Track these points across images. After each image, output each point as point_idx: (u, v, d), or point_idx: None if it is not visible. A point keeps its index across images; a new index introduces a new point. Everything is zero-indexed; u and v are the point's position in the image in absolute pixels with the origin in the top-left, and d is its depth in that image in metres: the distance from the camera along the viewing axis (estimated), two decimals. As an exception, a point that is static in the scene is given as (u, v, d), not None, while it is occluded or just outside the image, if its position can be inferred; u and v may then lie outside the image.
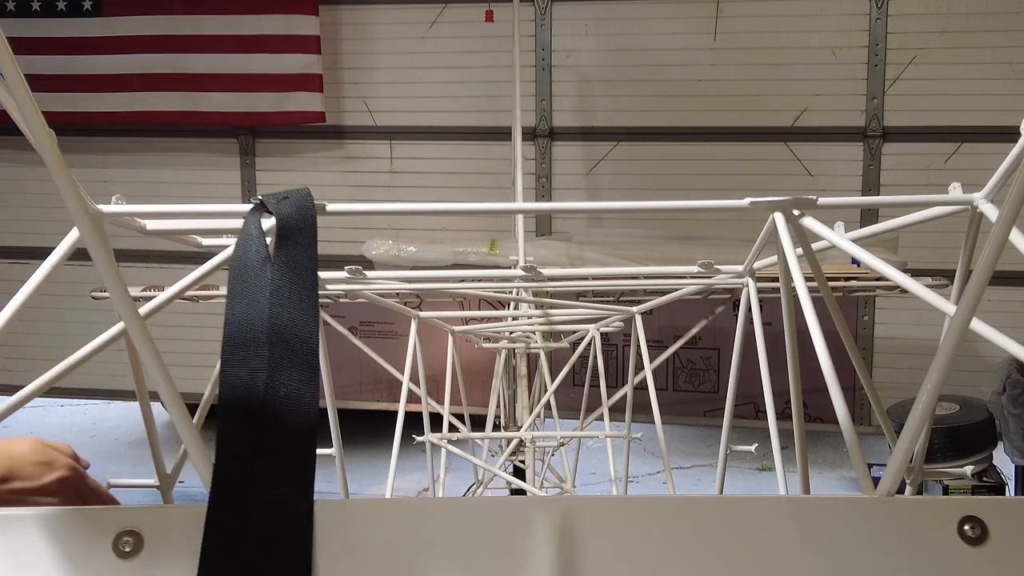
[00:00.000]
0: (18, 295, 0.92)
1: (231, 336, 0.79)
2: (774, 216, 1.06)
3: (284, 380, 0.77)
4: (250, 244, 0.87)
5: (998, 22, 4.50)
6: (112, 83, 5.09)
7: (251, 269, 0.85)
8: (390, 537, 0.70)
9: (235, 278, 0.85)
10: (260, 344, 0.78)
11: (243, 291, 0.83)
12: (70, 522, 0.71)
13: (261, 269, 0.84)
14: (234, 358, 0.78)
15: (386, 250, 4.79)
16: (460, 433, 2.67)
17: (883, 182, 4.70)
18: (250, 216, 0.92)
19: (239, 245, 0.88)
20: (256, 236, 0.87)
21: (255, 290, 0.82)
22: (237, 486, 0.71)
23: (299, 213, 0.90)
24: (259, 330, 0.79)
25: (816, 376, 0.92)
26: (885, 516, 0.70)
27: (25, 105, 0.63)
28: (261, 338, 0.79)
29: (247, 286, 0.83)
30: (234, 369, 0.77)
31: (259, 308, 0.81)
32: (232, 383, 0.76)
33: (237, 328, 0.80)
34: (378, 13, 5.03)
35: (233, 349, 0.78)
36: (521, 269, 1.66)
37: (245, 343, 0.79)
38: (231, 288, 0.84)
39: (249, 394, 0.76)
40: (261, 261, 0.85)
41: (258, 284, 0.83)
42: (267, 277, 0.83)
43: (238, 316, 0.81)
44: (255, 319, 0.80)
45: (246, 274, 0.84)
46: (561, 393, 2.89)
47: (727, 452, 1.76)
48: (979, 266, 0.68)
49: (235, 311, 0.81)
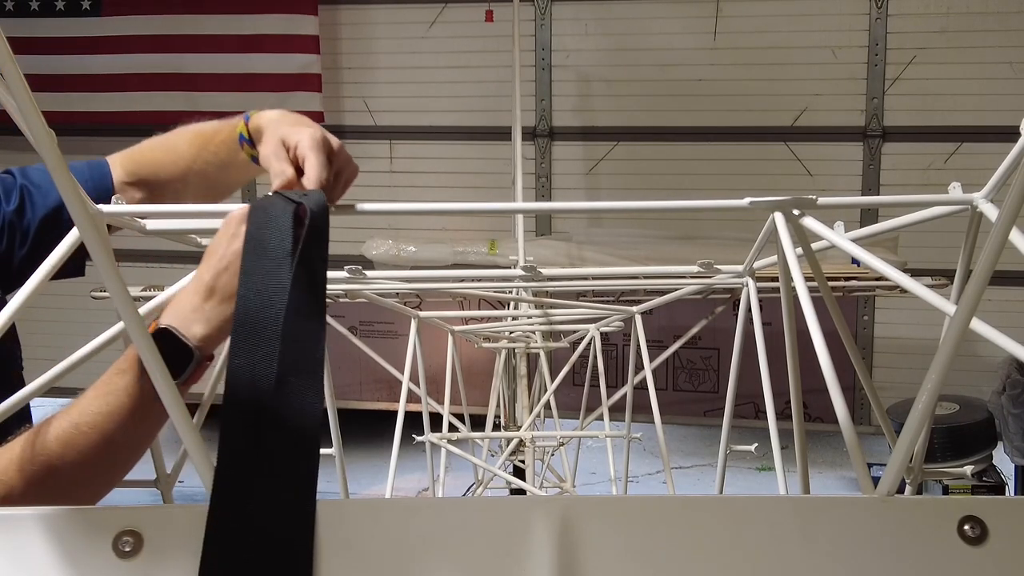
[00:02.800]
0: (18, 295, 0.92)
1: (241, 320, 0.79)
2: (774, 216, 1.06)
3: (292, 379, 0.76)
4: (274, 231, 0.86)
5: (998, 22, 4.50)
6: (111, 83, 5.08)
7: (271, 257, 0.84)
8: (390, 537, 0.70)
9: (249, 254, 0.85)
10: (272, 337, 0.78)
11: (259, 274, 0.82)
12: (70, 521, 0.71)
13: (283, 262, 0.84)
14: (243, 346, 0.78)
15: (386, 250, 4.79)
16: (460, 433, 2.67)
17: (883, 182, 4.70)
18: (275, 200, 0.92)
19: (259, 223, 0.87)
20: (283, 227, 0.87)
21: (272, 282, 0.82)
22: (239, 486, 0.71)
23: (320, 212, 0.90)
24: (272, 322, 0.79)
25: (816, 376, 0.92)
26: (885, 516, 0.70)
27: (25, 105, 0.63)
28: (274, 331, 0.78)
29: (264, 272, 0.83)
30: (241, 359, 0.77)
31: (275, 301, 0.80)
32: (238, 374, 0.76)
33: (249, 313, 0.79)
34: (378, 13, 5.03)
35: (243, 335, 0.78)
36: (521, 269, 1.66)
37: (256, 331, 0.78)
38: (244, 264, 0.84)
39: (256, 387, 0.75)
40: (284, 253, 0.84)
41: (278, 277, 0.82)
42: (286, 271, 0.83)
43: (252, 300, 0.80)
44: (269, 311, 0.80)
45: (264, 258, 0.84)
46: (561, 393, 2.89)
47: (727, 452, 1.75)
48: (979, 266, 0.68)
49: (246, 289, 0.81)
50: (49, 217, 1.40)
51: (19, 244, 1.39)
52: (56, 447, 1.02)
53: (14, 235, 1.39)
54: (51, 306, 4.57)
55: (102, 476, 1.08)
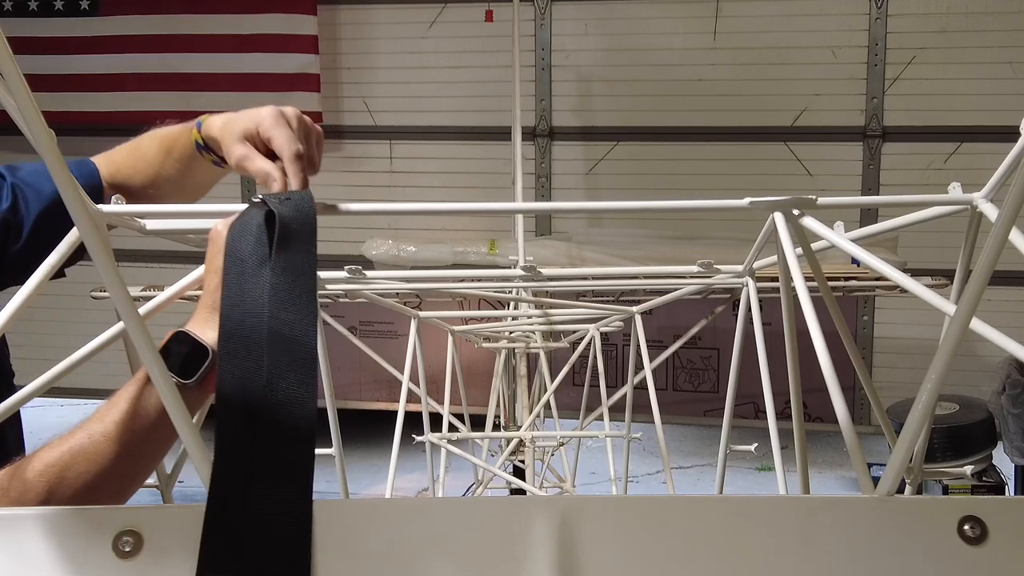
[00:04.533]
0: (18, 295, 0.92)
1: (227, 331, 0.80)
2: (774, 216, 1.06)
3: (282, 381, 0.76)
4: (247, 240, 0.87)
5: (998, 22, 4.50)
6: (110, 83, 5.08)
7: (248, 266, 0.85)
8: (389, 537, 0.70)
9: (230, 267, 0.85)
10: (258, 344, 0.78)
11: (239, 285, 0.83)
12: (70, 521, 0.71)
13: (259, 268, 0.84)
14: (230, 355, 0.78)
15: (386, 250, 4.79)
16: (460, 433, 2.67)
17: (883, 182, 4.70)
18: (251, 210, 0.92)
19: (236, 235, 0.88)
20: (256, 234, 0.87)
21: (252, 289, 0.82)
22: (235, 486, 0.71)
23: (300, 215, 0.90)
24: (256, 329, 0.79)
25: (816, 376, 0.92)
26: (885, 516, 0.70)
27: (25, 105, 0.63)
28: (258, 337, 0.79)
29: (243, 283, 0.83)
30: (230, 365, 0.77)
31: (256, 308, 0.81)
32: (228, 380, 0.76)
33: (233, 324, 0.80)
34: (377, 13, 5.03)
35: (228, 345, 0.79)
36: (521, 269, 1.66)
37: (241, 340, 0.79)
38: (225, 278, 0.84)
39: (246, 392, 0.76)
40: (259, 260, 0.85)
41: (256, 284, 0.83)
42: (265, 278, 0.83)
43: (233, 310, 0.81)
44: (251, 318, 0.80)
45: (242, 269, 0.84)
46: (561, 393, 2.89)
47: (727, 452, 1.76)
48: (979, 266, 0.68)
49: (228, 302, 0.82)
50: (45, 212, 1.41)
51: (12, 240, 1.40)
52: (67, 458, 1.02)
53: (7, 231, 1.40)
54: (51, 306, 4.57)
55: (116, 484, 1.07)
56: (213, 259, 1.08)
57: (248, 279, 0.83)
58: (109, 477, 1.03)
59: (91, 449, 1.02)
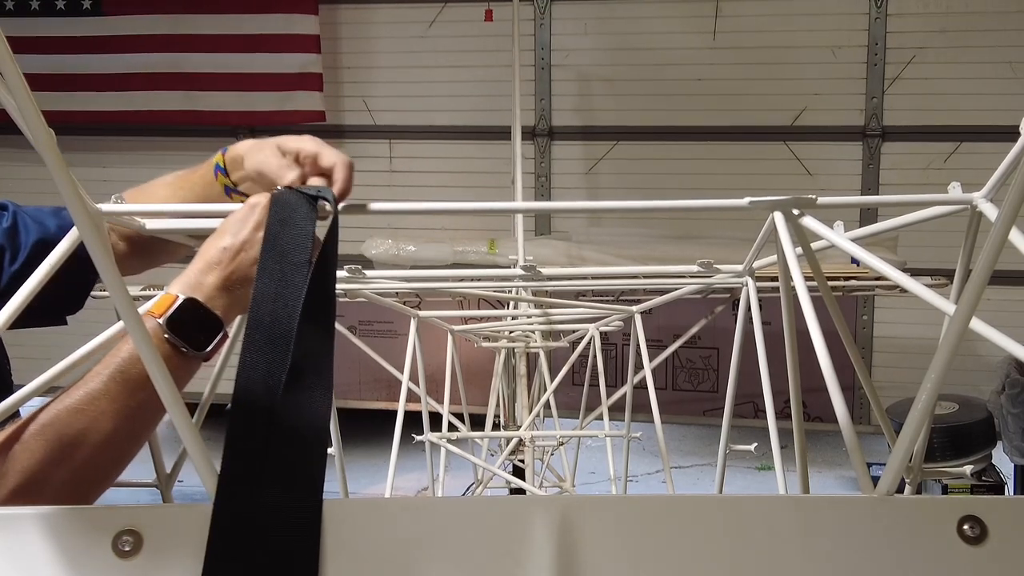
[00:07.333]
0: (18, 295, 0.92)
1: (255, 320, 0.80)
2: (773, 215, 1.06)
3: (301, 383, 0.77)
4: (293, 232, 0.87)
5: (998, 22, 4.50)
6: (111, 82, 5.08)
7: (290, 261, 0.85)
8: (389, 536, 0.70)
9: (269, 257, 0.85)
10: (284, 340, 0.78)
11: (279, 279, 0.83)
12: (69, 521, 0.71)
13: (300, 267, 0.84)
14: (254, 345, 0.78)
15: (385, 249, 4.79)
16: (459, 432, 2.67)
17: (882, 181, 4.70)
18: (302, 199, 0.92)
19: (278, 220, 0.88)
20: (303, 228, 0.88)
21: (289, 287, 0.82)
22: (245, 485, 0.71)
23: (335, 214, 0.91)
24: (286, 325, 0.79)
25: (816, 375, 0.92)
26: (884, 515, 0.70)
27: (25, 105, 0.63)
28: (287, 333, 0.79)
29: (284, 276, 0.83)
30: (253, 360, 0.77)
31: (290, 306, 0.81)
32: (250, 375, 0.76)
33: (264, 314, 0.80)
34: (377, 12, 5.03)
35: (255, 334, 0.79)
36: (521, 268, 1.66)
37: (267, 332, 0.79)
38: (263, 262, 0.84)
39: (265, 389, 0.76)
40: (302, 258, 0.85)
41: (294, 281, 0.83)
42: (303, 277, 0.83)
43: (267, 303, 0.81)
44: (283, 315, 0.80)
45: (284, 261, 0.84)
46: (561, 392, 2.89)
47: (726, 451, 1.76)
48: (978, 266, 0.68)
49: (263, 292, 0.82)
50: (42, 241, 1.42)
51: (9, 261, 1.41)
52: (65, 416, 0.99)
53: (3, 252, 1.41)
54: (51, 305, 4.56)
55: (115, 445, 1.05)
56: (243, 224, 1.06)
57: (288, 274, 0.83)
58: (108, 438, 1.01)
59: (90, 408, 1.00)
